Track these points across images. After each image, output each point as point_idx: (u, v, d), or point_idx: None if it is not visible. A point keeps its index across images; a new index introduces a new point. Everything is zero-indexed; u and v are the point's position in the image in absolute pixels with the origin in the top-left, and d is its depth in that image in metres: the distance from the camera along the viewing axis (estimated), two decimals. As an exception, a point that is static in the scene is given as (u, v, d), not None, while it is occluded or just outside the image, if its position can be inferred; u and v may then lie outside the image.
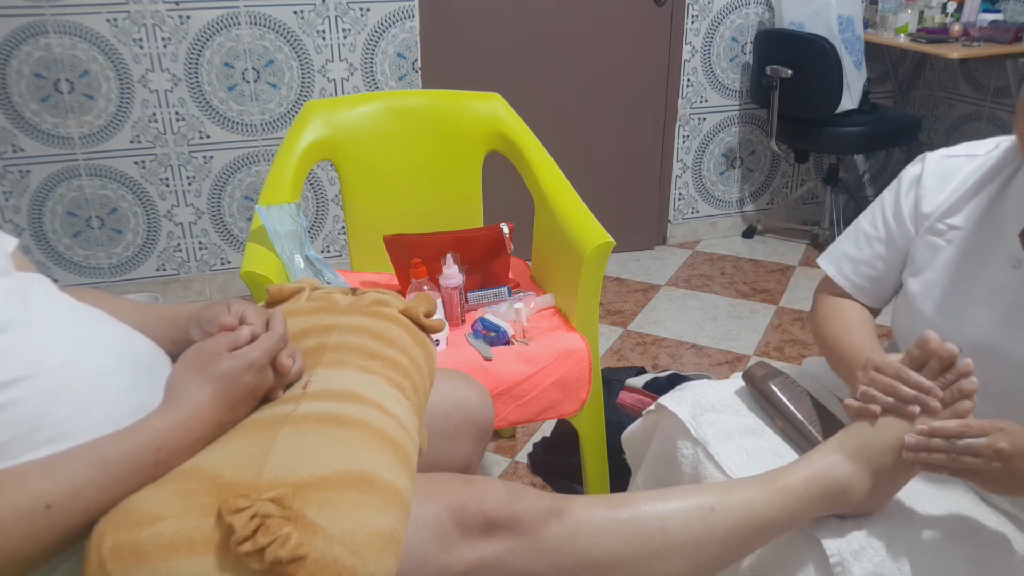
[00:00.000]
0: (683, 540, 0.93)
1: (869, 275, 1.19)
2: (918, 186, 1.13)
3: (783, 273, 3.21)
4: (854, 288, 1.21)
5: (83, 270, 2.90)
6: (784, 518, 0.96)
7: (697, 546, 0.93)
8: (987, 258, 1.04)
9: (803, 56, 2.98)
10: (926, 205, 1.12)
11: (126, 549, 0.71)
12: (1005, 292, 1.01)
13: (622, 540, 0.92)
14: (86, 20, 2.60)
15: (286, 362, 0.89)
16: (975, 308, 1.04)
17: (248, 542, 0.70)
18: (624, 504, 0.95)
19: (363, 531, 0.75)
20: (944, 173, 1.12)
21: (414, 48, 2.92)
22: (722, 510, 0.95)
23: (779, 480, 0.97)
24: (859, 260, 1.20)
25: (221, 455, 0.81)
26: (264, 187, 1.70)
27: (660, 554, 0.92)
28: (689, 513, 0.94)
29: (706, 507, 0.94)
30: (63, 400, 0.79)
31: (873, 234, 1.18)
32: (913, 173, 1.15)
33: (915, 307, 1.12)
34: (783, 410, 1.15)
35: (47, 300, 0.89)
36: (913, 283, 1.13)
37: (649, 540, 0.92)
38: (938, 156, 1.14)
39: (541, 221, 1.82)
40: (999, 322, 1.01)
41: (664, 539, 0.93)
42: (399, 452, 0.86)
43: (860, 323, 1.16)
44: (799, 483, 0.96)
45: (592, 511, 0.93)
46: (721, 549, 0.95)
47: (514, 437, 2.17)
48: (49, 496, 0.72)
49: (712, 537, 0.94)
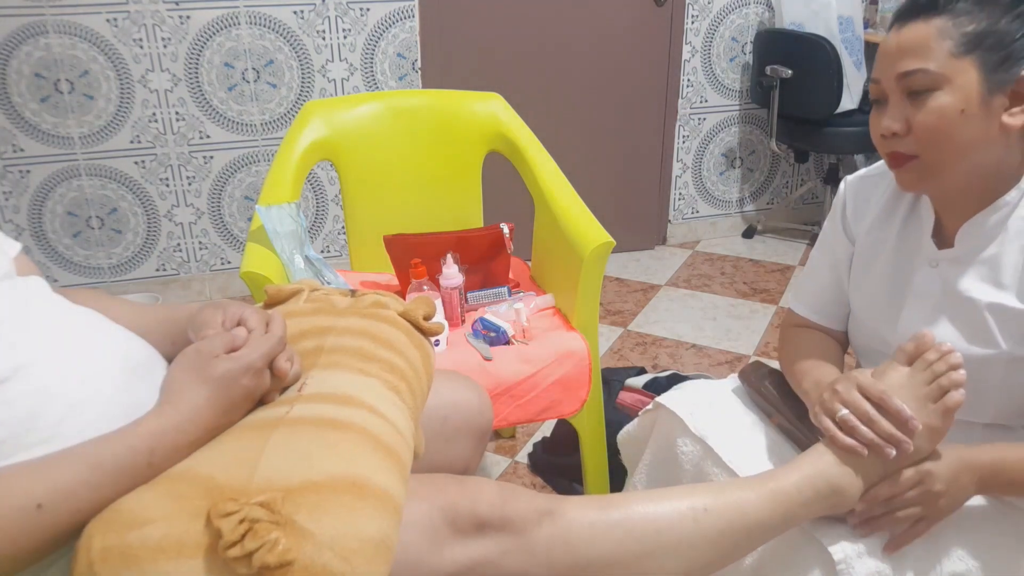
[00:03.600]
0: (676, 541, 0.93)
1: (832, 300, 1.23)
2: (844, 209, 1.18)
3: (783, 273, 3.21)
4: (822, 316, 1.24)
5: (83, 270, 2.90)
6: (777, 520, 0.96)
7: (690, 547, 0.93)
8: (911, 262, 1.09)
9: (803, 56, 2.98)
10: (855, 225, 1.17)
11: (115, 551, 0.71)
12: (929, 292, 1.06)
13: (614, 541, 0.91)
14: (86, 20, 2.60)
15: (284, 366, 0.89)
16: (907, 311, 1.08)
17: (236, 547, 0.69)
18: (617, 505, 0.95)
19: (354, 537, 0.74)
20: (864, 192, 1.17)
21: (414, 48, 2.92)
22: (715, 511, 0.94)
23: (772, 482, 0.97)
24: (820, 290, 1.24)
25: (213, 457, 0.81)
26: (264, 187, 1.70)
27: (653, 554, 0.92)
28: (682, 514, 0.94)
29: (699, 508, 0.94)
30: (56, 402, 0.79)
31: (824, 261, 1.22)
32: (839, 199, 1.20)
33: (858, 319, 1.17)
34: (778, 408, 1.16)
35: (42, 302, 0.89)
36: (855, 297, 1.17)
37: (641, 541, 0.92)
38: (856, 178, 1.19)
39: (541, 221, 1.82)
40: (927, 320, 1.05)
41: (657, 540, 0.92)
42: (393, 457, 0.85)
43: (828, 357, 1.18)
44: (792, 485, 0.96)
45: (585, 512, 0.93)
46: (714, 550, 0.95)
47: (514, 437, 2.17)
48: (41, 496, 0.72)
49: (705, 538, 0.94)
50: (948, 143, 0.95)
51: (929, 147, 0.96)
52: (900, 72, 0.96)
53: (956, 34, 0.92)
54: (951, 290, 1.03)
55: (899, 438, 0.94)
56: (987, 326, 1.00)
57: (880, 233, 1.14)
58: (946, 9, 0.94)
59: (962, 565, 0.97)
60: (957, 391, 0.95)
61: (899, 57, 0.96)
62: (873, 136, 1.03)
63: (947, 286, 1.04)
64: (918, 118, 0.95)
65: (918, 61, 0.94)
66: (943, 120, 0.94)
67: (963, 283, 1.02)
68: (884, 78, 0.98)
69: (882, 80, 0.99)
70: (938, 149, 0.96)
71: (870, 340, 1.15)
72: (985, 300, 1.00)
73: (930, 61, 0.93)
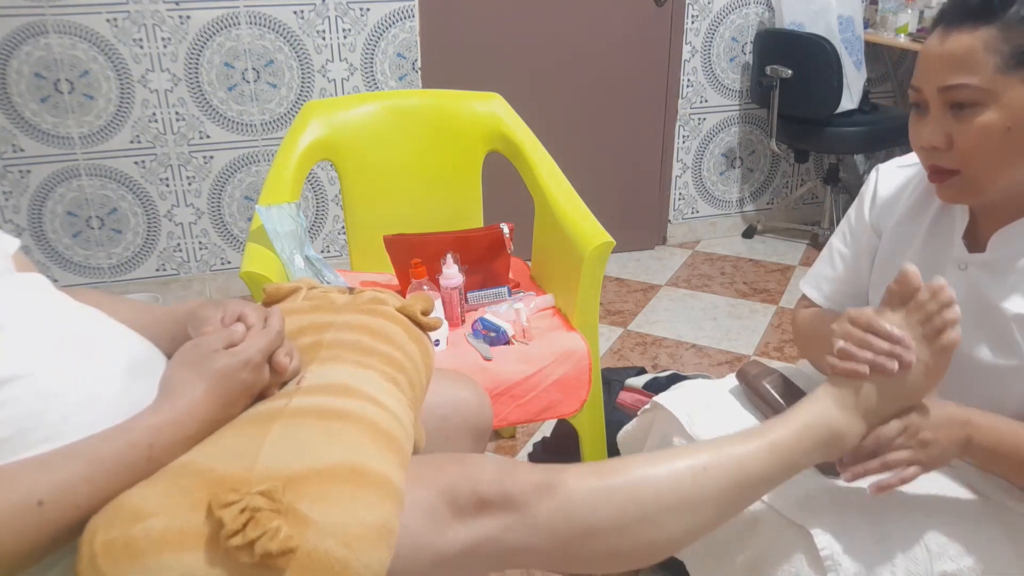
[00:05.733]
0: (677, 502, 0.92)
1: (848, 292, 1.21)
2: (874, 198, 1.16)
3: (783, 273, 3.21)
4: (836, 307, 1.23)
5: (83, 270, 2.90)
6: (778, 470, 0.95)
7: (691, 506, 0.92)
8: (939, 261, 1.07)
9: (803, 56, 2.98)
10: (884, 216, 1.15)
11: (118, 545, 0.71)
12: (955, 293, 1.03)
13: (615, 507, 0.91)
14: (86, 20, 2.60)
15: (283, 360, 0.89)
16: None
17: (238, 536, 0.70)
18: (616, 471, 0.94)
19: (356, 523, 0.75)
20: (897, 183, 1.14)
21: (414, 48, 2.92)
22: (714, 468, 0.93)
23: (771, 433, 0.95)
24: (836, 279, 1.22)
25: (213, 450, 0.81)
26: (264, 187, 1.70)
27: (654, 518, 0.91)
28: (681, 474, 0.93)
29: (698, 467, 0.93)
30: (59, 400, 0.79)
31: (845, 252, 1.21)
32: (869, 186, 1.17)
33: None
34: (776, 408, 1.16)
35: (45, 300, 0.89)
36: (877, 290, 1.15)
37: (642, 504, 0.91)
38: (890, 167, 1.16)
39: (541, 221, 1.82)
40: None
41: (657, 502, 0.91)
42: (393, 444, 0.86)
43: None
44: (792, 434, 0.95)
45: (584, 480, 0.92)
46: (716, 507, 0.94)
47: (514, 437, 2.17)
48: (41, 493, 0.72)
49: (706, 496, 0.93)
50: (992, 161, 0.92)
51: (972, 165, 0.94)
52: (943, 85, 0.92)
53: (1005, 48, 0.88)
54: (978, 295, 1.01)
55: (897, 351, 0.93)
56: (1012, 336, 0.98)
57: (909, 227, 1.11)
58: (997, 18, 0.89)
59: (953, 565, 0.97)
60: (953, 329, 0.93)
61: (942, 68, 0.92)
62: (913, 145, 1.00)
63: (974, 291, 1.02)
64: (961, 135, 0.92)
65: (963, 75, 0.90)
66: (987, 139, 0.91)
67: (992, 290, 1.00)
68: (926, 87, 0.95)
69: (923, 89, 0.95)
70: (981, 167, 0.93)
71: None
72: (1013, 311, 0.98)
73: (975, 76, 0.89)
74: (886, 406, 0.96)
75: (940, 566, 0.97)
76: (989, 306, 1.00)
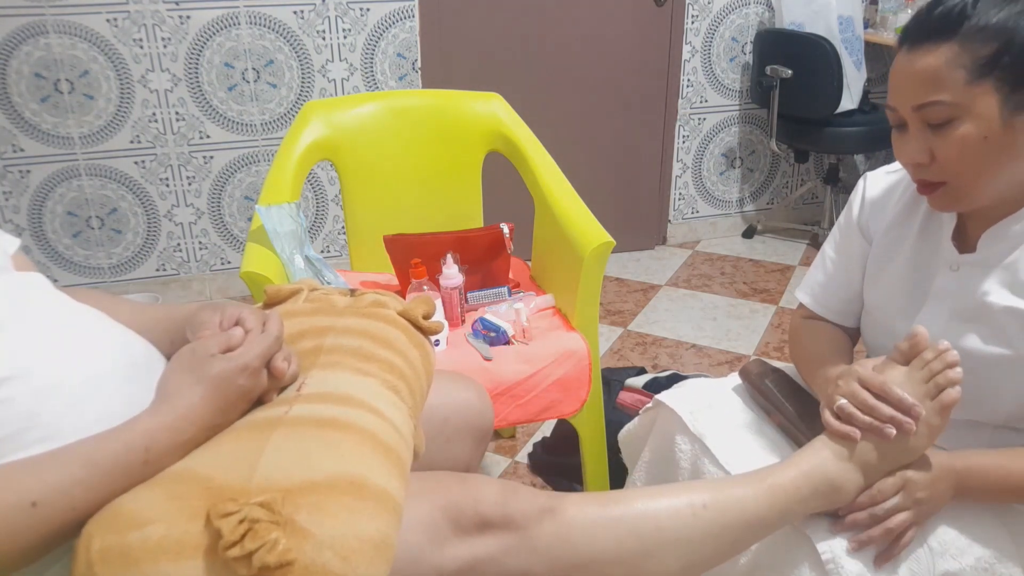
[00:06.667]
0: (675, 537, 0.93)
1: (842, 297, 1.22)
2: (863, 205, 1.18)
3: (783, 273, 3.21)
4: (831, 313, 1.24)
5: (83, 270, 2.90)
6: (775, 516, 0.96)
7: (689, 543, 0.93)
8: (930, 263, 1.08)
9: (803, 56, 2.98)
10: (873, 222, 1.16)
11: (114, 551, 0.71)
12: (948, 294, 1.05)
13: (615, 538, 0.92)
14: (86, 20, 2.60)
15: (281, 365, 0.89)
16: (925, 312, 1.08)
17: (236, 547, 0.69)
18: (617, 501, 0.95)
19: (354, 537, 0.74)
20: (885, 189, 1.16)
21: (414, 48, 2.92)
22: (714, 507, 0.95)
23: (770, 478, 0.97)
24: (829, 285, 1.23)
25: (212, 457, 0.81)
26: (264, 187, 1.70)
27: (653, 551, 0.92)
28: (681, 510, 0.94)
29: (698, 504, 0.94)
30: (56, 400, 0.79)
31: (837, 258, 1.22)
32: (857, 193, 1.19)
33: (874, 317, 1.17)
34: (779, 406, 1.16)
35: (44, 300, 0.89)
36: (871, 296, 1.17)
37: (641, 537, 0.92)
38: (878, 174, 1.18)
39: (541, 221, 1.82)
40: (945, 322, 1.05)
41: (657, 536, 0.93)
42: (392, 456, 0.85)
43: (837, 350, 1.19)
44: (790, 481, 0.96)
45: (585, 509, 0.93)
46: (713, 546, 0.95)
47: (514, 437, 2.17)
48: (35, 494, 0.72)
49: (704, 534, 0.94)
50: (974, 170, 0.94)
51: (956, 175, 0.96)
52: (917, 104, 0.94)
53: (968, 61, 0.90)
54: (970, 294, 1.03)
55: (901, 419, 0.95)
56: (1004, 329, 1.00)
57: (899, 232, 1.13)
58: (956, 33, 0.91)
59: (955, 563, 0.97)
60: (953, 388, 0.95)
61: (913, 88, 0.94)
62: (898, 161, 1.03)
63: (966, 290, 1.03)
64: (941, 149, 0.94)
65: (934, 93, 0.92)
66: (967, 150, 0.93)
67: (983, 288, 1.02)
68: (901, 107, 0.97)
69: (899, 109, 0.97)
70: (965, 177, 0.95)
71: (885, 339, 1.15)
72: (1003, 304, 0.99)
73: (946, 92, 0.91)
74: (885, 462, 0.98)
75: (942, 565, 0.97)
76: (981, 303, 1.02)
